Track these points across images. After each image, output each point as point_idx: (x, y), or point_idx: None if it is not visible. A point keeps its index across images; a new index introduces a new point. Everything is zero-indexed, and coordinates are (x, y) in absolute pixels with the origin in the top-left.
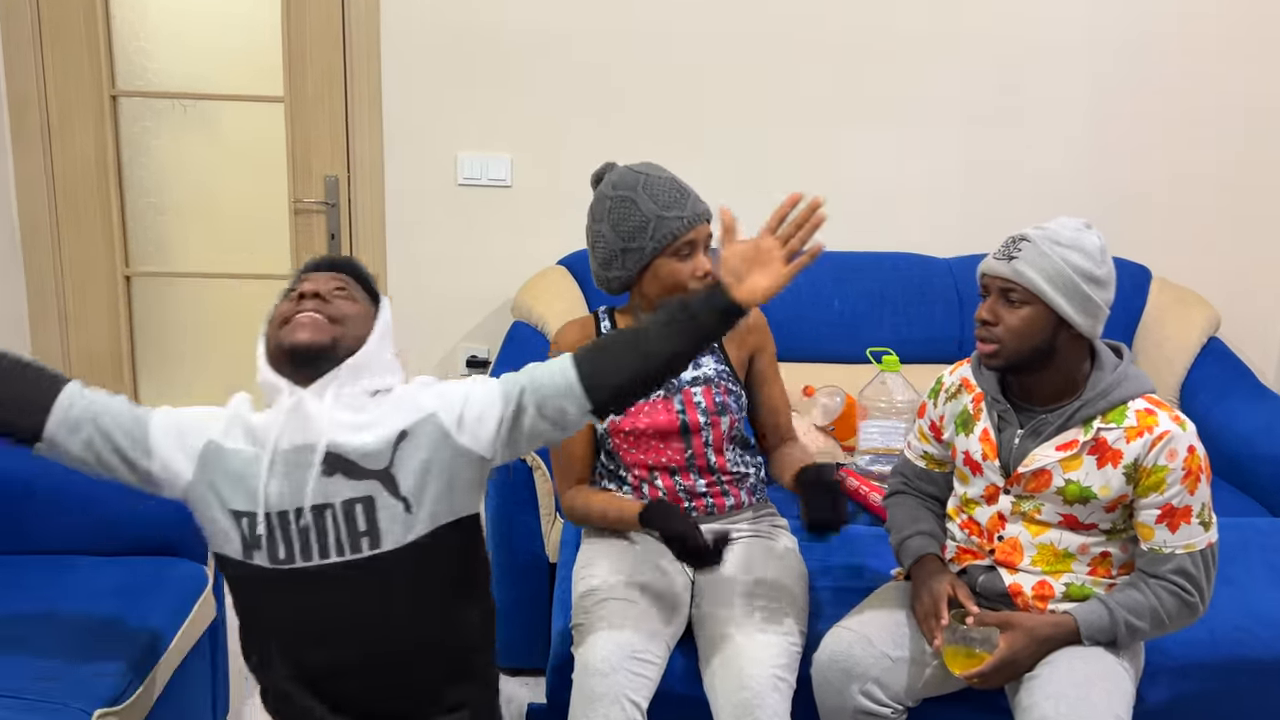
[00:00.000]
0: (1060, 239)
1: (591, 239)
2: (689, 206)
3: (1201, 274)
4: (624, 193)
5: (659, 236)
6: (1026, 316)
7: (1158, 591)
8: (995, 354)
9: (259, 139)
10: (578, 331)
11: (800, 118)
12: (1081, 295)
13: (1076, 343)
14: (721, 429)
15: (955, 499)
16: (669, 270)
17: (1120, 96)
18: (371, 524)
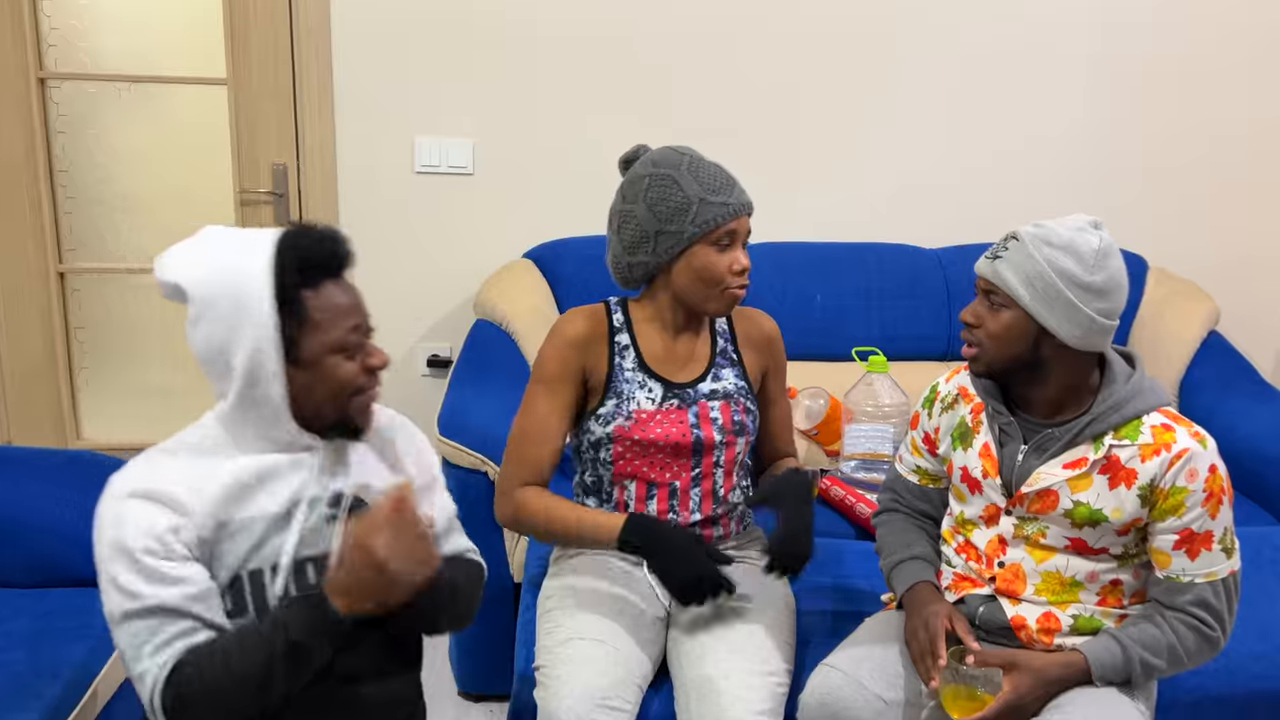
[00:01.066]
0: (1053, 239)
1: (618, 221)
2: (735, 194)
3: (1200, 264)
4: (666, 171)
5: (701, 221)
6: (1006, 322)
7: (1175, 626)
8: (976, 358)
9: (201, 125)
10: (586, 324)
11: (778, 103)
12: (1065, 303)
13: (1068, 354)
14: (736, 450)
15: (950, 519)
16: (706, 260)
17: (1116, 82)
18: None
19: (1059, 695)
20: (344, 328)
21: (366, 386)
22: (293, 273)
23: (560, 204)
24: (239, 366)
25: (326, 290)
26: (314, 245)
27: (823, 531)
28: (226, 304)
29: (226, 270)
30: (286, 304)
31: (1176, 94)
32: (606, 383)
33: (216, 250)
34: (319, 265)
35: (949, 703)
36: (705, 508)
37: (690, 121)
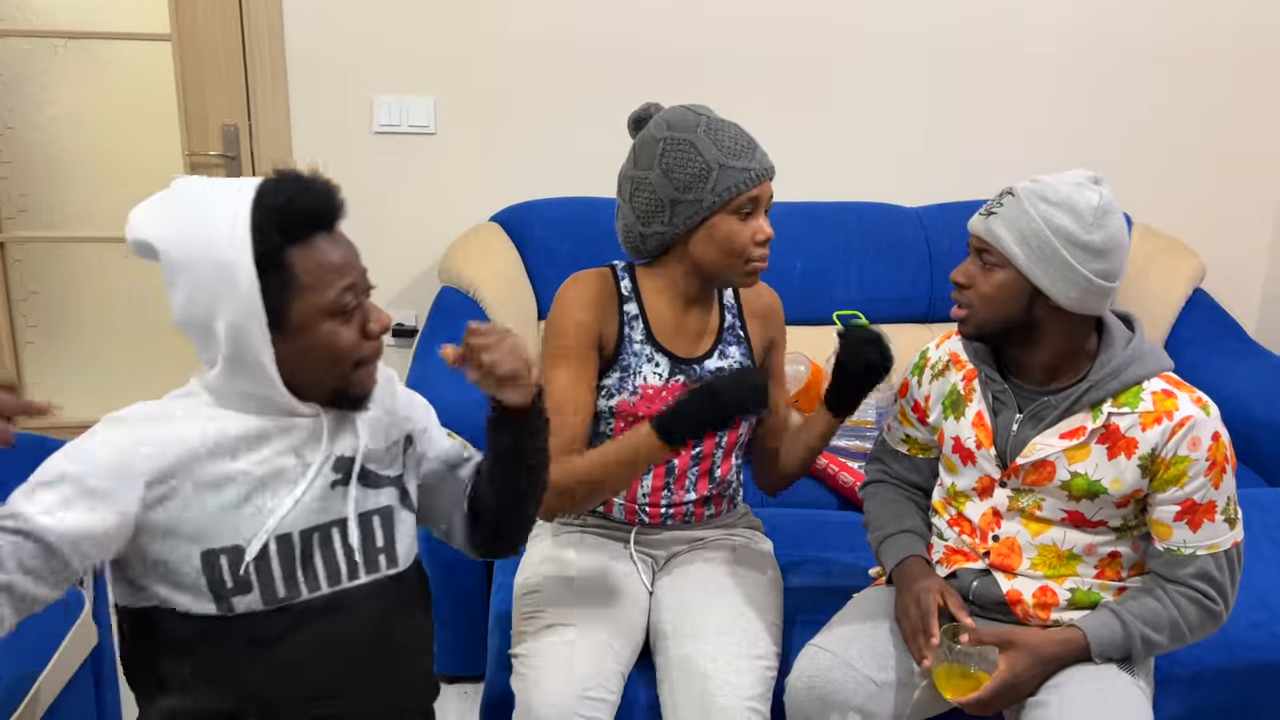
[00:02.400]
0: (1050, 195)
1: (630, 188)
2: (757, 158)
3: (1185, 220)
4: (682, 134)
5: (722, 189)
6: (999, 282)
7: (1177, 599)
8: (966, 320)
9: (146, 84)
10: (598, 288)
11: (753, 59)
12: (1060, 263)
13: (1063, 317)
14: (739, 431)
15: (941, 490)
16: (728, 231)
17: (1100, 39)
18: (389, 537)
19: (1057, 673)
20: (338, 288)
21: (368, 355)
22: (274, 229)
23: (529, 164)
24: (222, 334)
25: (316, 246)
26: (298, 195)
27: (805, 503)
28: (203, 267)
29: (201, 228)
30: (269, 265)
31: (1160, 48)
32: (615, 353)
33: (190, 204)
34: (306, 218)
35: (942, 682)
36: (701, 487)
37: (663, 76)
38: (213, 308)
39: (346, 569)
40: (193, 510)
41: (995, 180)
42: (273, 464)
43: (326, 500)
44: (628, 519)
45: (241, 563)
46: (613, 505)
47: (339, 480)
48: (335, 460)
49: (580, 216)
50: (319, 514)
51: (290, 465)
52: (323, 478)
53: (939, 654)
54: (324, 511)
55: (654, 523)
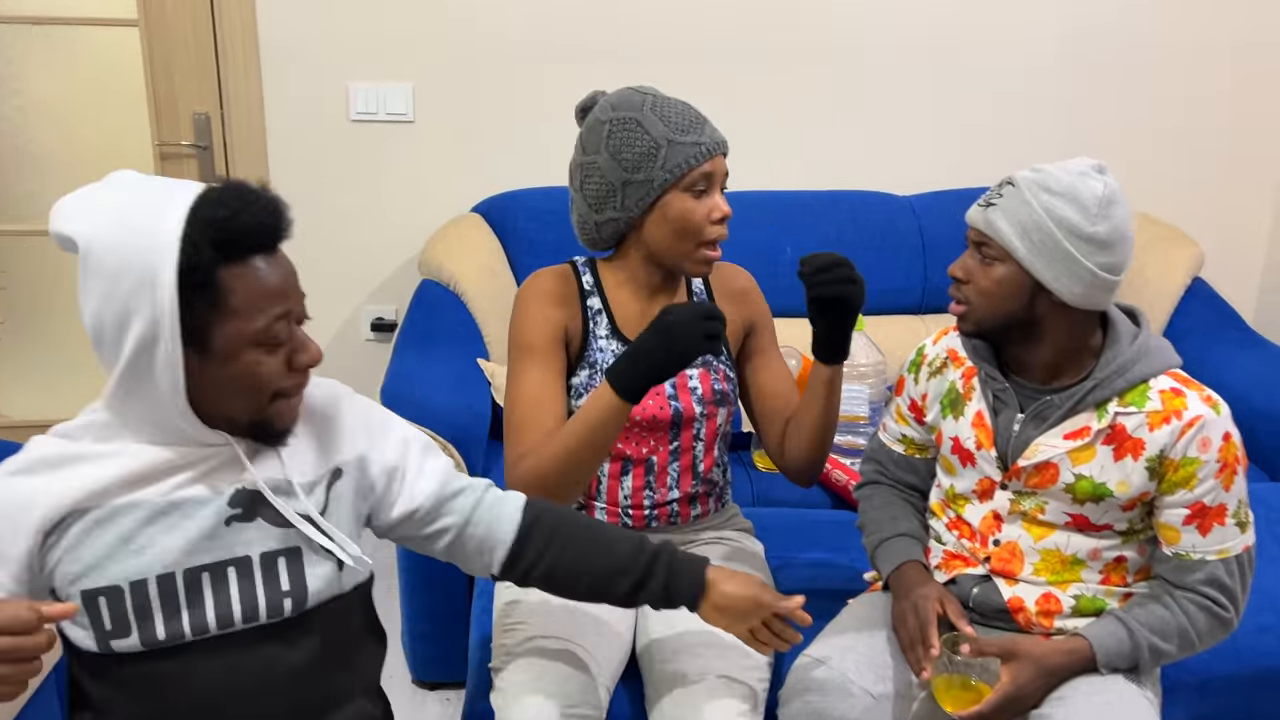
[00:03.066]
0: (1052, 185)
1: (580, 176)
2: (708, 132)
3: (1183, 208)
4: (627, 114)
5: (672, 165)
6: (999, 277)
7: (1185, 606)
8: (965, 316)
9: (115, 71)
10: (558, 283)
11: (742, 45)
12: (1063, 255)
13: (1066, 312)
14: (717, 422)
15: (939, 492)
16: (681, 209)
17: (1095, 25)
18: (297, 580)
19: (1062, 685)
20: (269, 315)
21: (290, 389)
22: (208, 244)
23: (511, 153)
24: (127, 347)
25: (252, 268)
26: (241, 211)
27: (797, 502)
28: (123, 270)
29: (129, 229)
30: (196, 281)
31: (1155, 36)
32: (581, 349)
33: (120, 202)
34: (244, 237)
35: (942, 695)
36: (684, 484)
37: (651, 62)
38: (125, 317)
39: (241, 612)
40: (81, 549)
41: (991, 168)
42: (172, 497)
43: (221, 537)
44: (610, 521)
45: (120, 603)
46: (594, 509)
47: (236, 516)
48: (233, 494)
49: (563, 206)
50: (212, 551)
51: (193, 497)
52: (215, 513)
53: (938, 665)
54: (220, 549)
55: (638, 526)
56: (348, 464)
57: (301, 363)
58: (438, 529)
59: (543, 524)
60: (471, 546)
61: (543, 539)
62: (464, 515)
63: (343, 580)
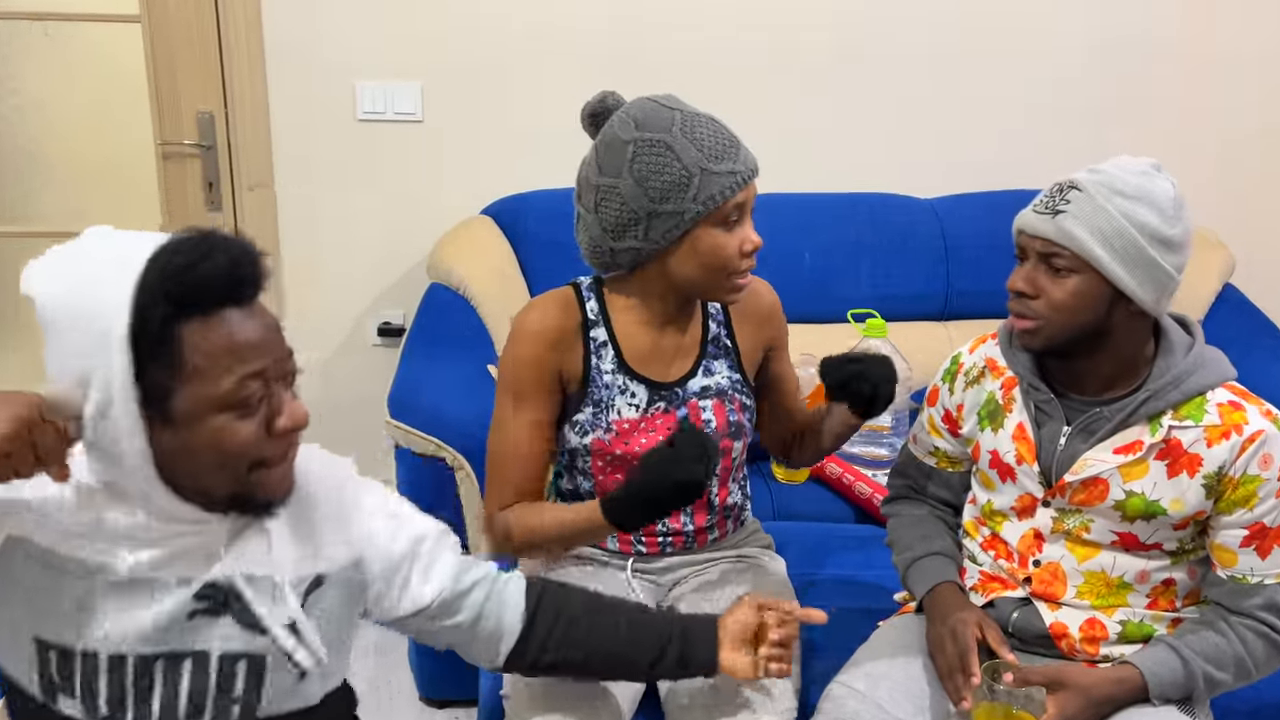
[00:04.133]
0: (1122, 187)
1: (596, 196)
2: (742, 158)
3: (1213, 211)
4: (655, 135)
5: (705, 198)
6: (1075, 289)
7: (1242, 633)
8: (1034, 332)
9: (117, 69)
10: (555, 317)
11: (757, 43)
12: (1148, 263)
13: (1136, 320)
14: (732, 456)
15: (974, 509)
16: (712, 244)
17: (1122, 23)
18: (252, 688)
19: (1111, 716)
20: (236, 376)
21: (272, 458)
22: (163, 299)
23: (522, 153)
24: (87, 413)
25: (215, 324)
26: (200, 261)
27: (819, 516)
28: (79, 335)
29: (84, 289)
30: (153, 341)
31: (1184, 33)
32: (583, 386)
33: (81, 260)
34: (204, 290)
35: (987, 716)
36: (698, 519)
37: (665, 62)
38: (83, 379)
39: (185, 710)
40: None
41: (1016, 170)
42: (138, 574)
43: (181, 628)
44: (622, 550)
45: (68, 666)
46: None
47: (201, 610)
48: (203, 587)
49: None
50: (169, 640)
51: (159, 579)
52: (179, 603)
53: (979, 694)
54: (177, 639)
55: (652, 552)
56: (334, 571)
57: (280, 428)
58: (449, 625)
59: (545, 611)
60: (481, 639)
61: (545, 628)
62: (476, 610)
63: (306, 691)
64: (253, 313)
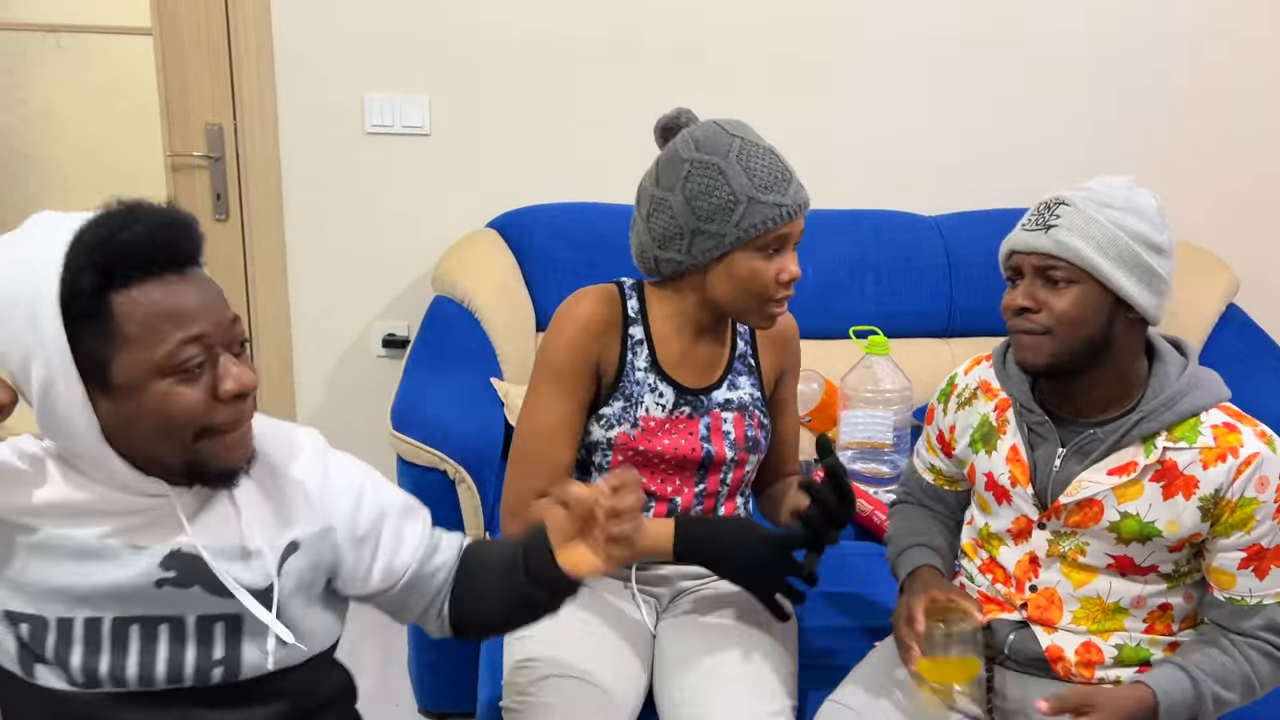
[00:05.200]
0: (1110, 200)
1: (649, 207)
2: (791, 192)
3: (1217, 232)
4: (711, 158)
5: (748, 225)
6: (1076, 299)
7: (1246, 652)
8: (1037, 348)
9: (127, 81)
10: (601, 308)
11: (763, 57)
12: (1145, 268)
13: (1135, 331)
14: (746, 469)
15: (972, 531)
16: (749, 269)
17: (1125, 44)
18: (233, 649)
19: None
20: (173, 341)
21: (220, 424)
22: (90, 268)
23: (528, 168)
24: (34, 390)
25: (148, 290)
26: (125, 229)
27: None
28: (12, 311)
29: (19, 266)
30: (83, 311)
31: (1188, 57)
32: (615, 380)
33: (18, 240)
34: (131, 256)
35: (931, 674)
36: None
37: (673, 77)
38: (25, 359)
39: (165, 672)
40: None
41: (1018, 190)
42: (107, 541)
43: (152, 595)
44: None
45: (41, 635)
46: None
47: (169, 580)
48: (167, 555)
49: (581, 223)
50: (144, 605)
51: (126, 546)
52: (144, 572)
53: (926, 647)
54: (152, 604)
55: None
56: (307, 537)
57: (225, 391)
58: (416, 602)
59: (461, 571)
60: (434, 612)
61: (461, 589)
62: (442, 582)
63: (290, 654)
64: (187, 278)
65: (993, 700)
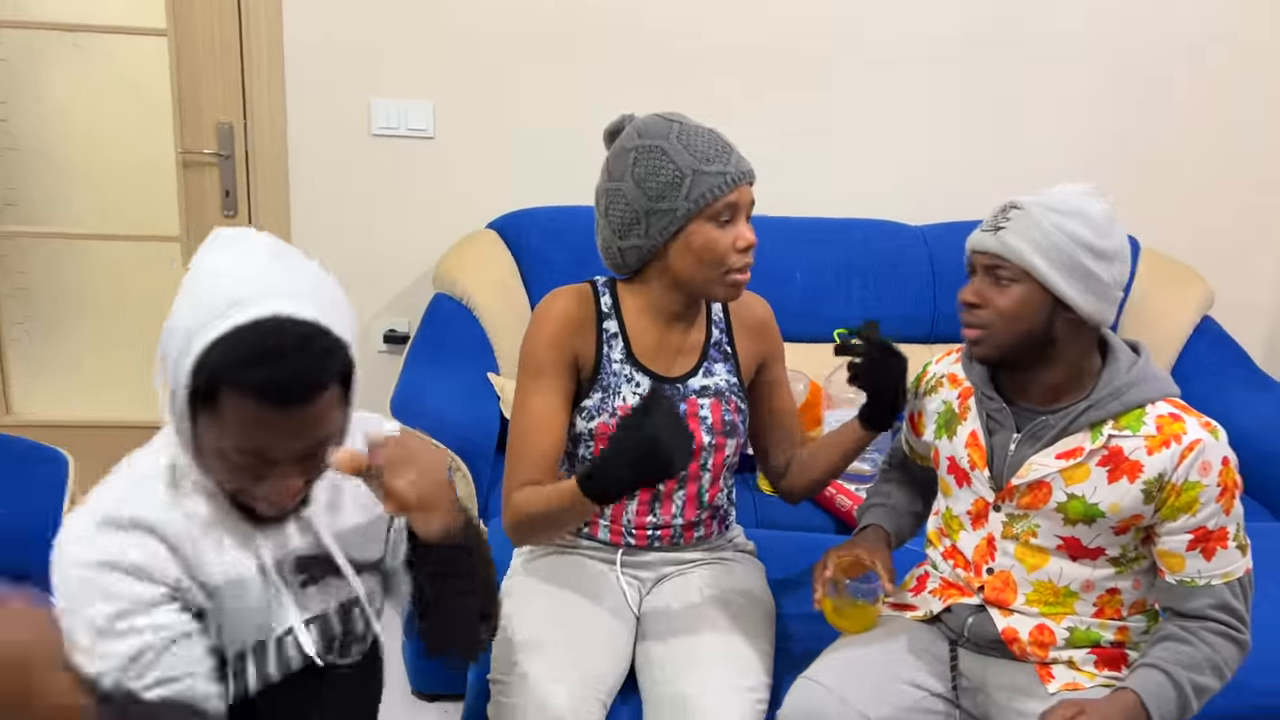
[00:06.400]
0: (1058, 205)
1: (606, 201)
2: (734, 162)
3: (1193, 246)
4: (652, 141)
5: (696, 195)
6: (1018, 296)
7: (1205, 636)
8: (980, 341)
9: (141, 79)
10: (574, 305)
11: (757, 69)
12: (1082, 271)
13: (1079, 330)
14: (726, 453)
15: (937, 519)
16: (705, 239)
17: (1107, 61)
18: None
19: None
20: (234, 443)
21: (256, 503)
22: (206, 372)
23: (527, 171)
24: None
25: (243, 407)
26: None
27: (800, 526)
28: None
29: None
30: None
31: (1168, 74)
32: (594, 373)
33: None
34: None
35: (833, 618)
36: (688, 513)
37: (665, 82)
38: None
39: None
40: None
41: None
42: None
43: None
44: (613, 540)
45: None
46: (598, 527)
47: (308, 580)
48: (295, 561)
49: (578, 225)
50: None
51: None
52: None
53: (830, 591)
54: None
55: (640, 544)
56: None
57: (262, 496)
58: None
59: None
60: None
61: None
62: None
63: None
64: (287, 414)
65: (956, 680)
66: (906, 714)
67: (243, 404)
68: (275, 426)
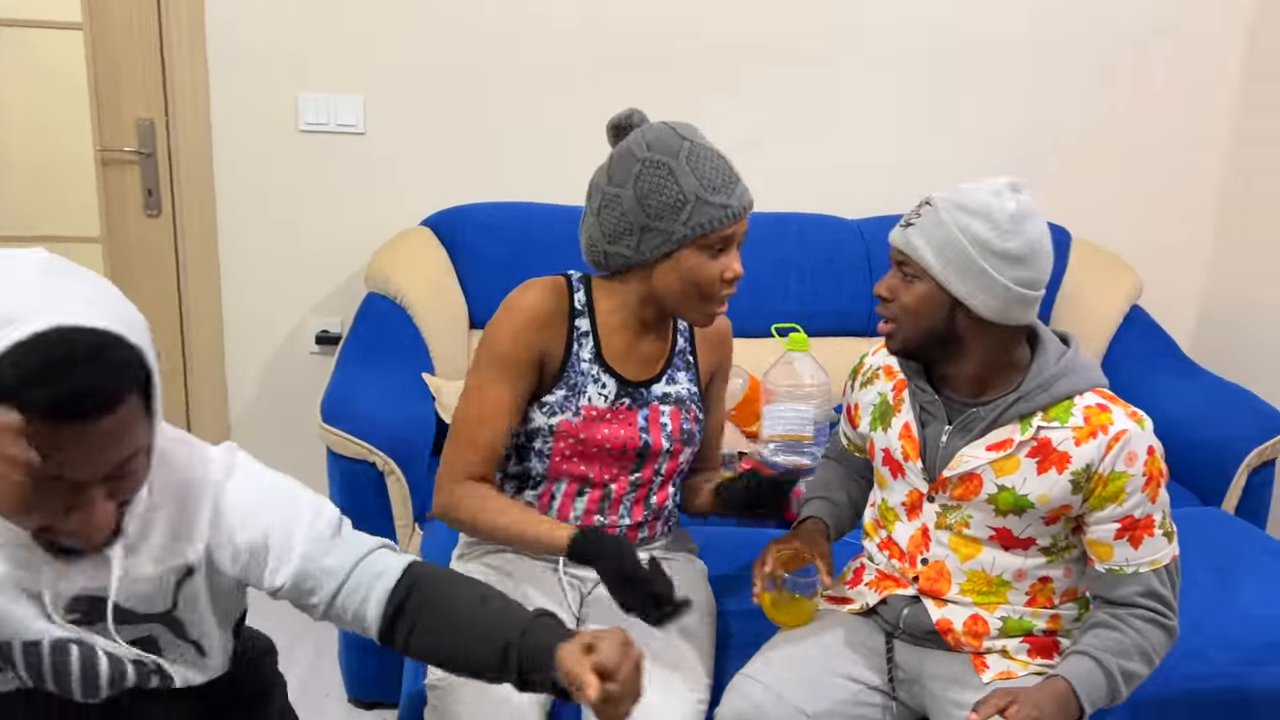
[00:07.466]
0: (965, 203)
1: (600, 201)
2: (737, 194)
3: (1122, 236)
4: (661, 157)
5: (695, 224)
6: (920, 294)
7: (1133, 624)
8: (891, 335)
9: (55, 73)
10: (548, 299)
11: (697, 64)
12: (976, 271)
13: (984, 328)
14: (680, 460)
15: (873, 511)
16: (694, 265)
17: (1041, 56)
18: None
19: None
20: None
21: (60, 535)
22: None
23: (462, 167)
24: None
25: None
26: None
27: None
28: None
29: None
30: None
31: (1099, 68)
32: (560, 370)
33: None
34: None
35: (771, 612)
36: (635, 514)
37: (601, 78)
38: None
39: (108, 679)
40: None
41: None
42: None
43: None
44: None
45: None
46: None
47: (78, 620)
48: (70, 600)
49: (514, 221)
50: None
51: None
52: (56, 618)
53: (769, 584)
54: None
55: None
56: (195, 560)
57: (69, 523)
58: (310, 604)
59: (411, 609)
60: (346, 622)
61: (408, 625)
62: (329, 597)
63: (210, 664)
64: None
65: (892, 671)
66: (844, 708)
67: (38, 425)
68: (76, 444)
